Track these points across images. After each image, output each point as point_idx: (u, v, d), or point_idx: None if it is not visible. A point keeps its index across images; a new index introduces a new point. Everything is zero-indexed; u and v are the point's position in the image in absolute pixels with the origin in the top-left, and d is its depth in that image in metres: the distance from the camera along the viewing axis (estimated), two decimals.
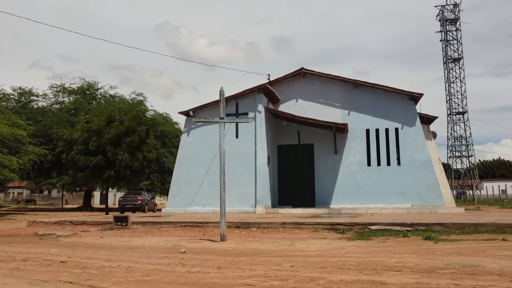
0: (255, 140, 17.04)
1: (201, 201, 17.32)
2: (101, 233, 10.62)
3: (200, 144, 17.68)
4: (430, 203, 16.97)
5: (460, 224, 9.60)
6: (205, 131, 17.71)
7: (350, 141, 18.36)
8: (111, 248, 7.93)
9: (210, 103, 17.62)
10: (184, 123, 18.23)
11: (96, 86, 38.02)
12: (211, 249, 7.44)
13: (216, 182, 17.19)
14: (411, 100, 18.05)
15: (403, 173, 17.61)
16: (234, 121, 8.49)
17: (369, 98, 18.36)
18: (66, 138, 19.16)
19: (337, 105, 18.69)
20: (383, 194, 17.62)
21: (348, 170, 18.24)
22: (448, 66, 41.73)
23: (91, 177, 18.68)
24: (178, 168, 17.98)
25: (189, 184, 17.58)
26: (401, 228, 9.71)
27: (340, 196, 18.13)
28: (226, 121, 8.50)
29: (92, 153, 18.16)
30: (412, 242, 7.77)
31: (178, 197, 17.64)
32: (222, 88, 8.43)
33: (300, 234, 9.57)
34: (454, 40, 41.74)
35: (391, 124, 18.03)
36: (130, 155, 18.52)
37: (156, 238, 9.31)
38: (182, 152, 18.04)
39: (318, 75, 18.89)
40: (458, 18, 41.66)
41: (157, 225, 11.48)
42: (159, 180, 38.69)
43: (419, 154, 17.53)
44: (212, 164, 17.37)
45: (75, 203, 54.00)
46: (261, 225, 10.73)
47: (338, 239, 8.49)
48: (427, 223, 9.79)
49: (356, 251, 6.75)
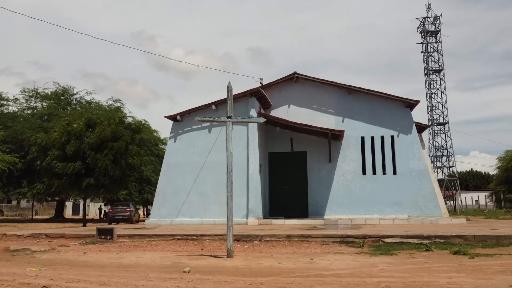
0: (247, 146, 16.10)
1: (189, 212, 16.18)
2: (83, 248, 9.38)
3: (188, 151, 16.59)
4: (427, 214, 16.39)
5: (481, 237, 8.91)
6: (193, 137, 16.64)
7: (345, 149, 17.66)
8: (100, 266, 6.79)
9: (200, 107, 16.62)
10: (170, 128, 17.07)
11: (71, 91, 36.29)
12: (220, 267, 6.41)
13: (205, 192, 16.23)
14: (407, 107, 17.57)
15: (399, 182, 17.01)
16: (244, 120, 7.56)
17: (364, 104, 17.76)
18: (41, 143, 17.63)
19: (330, 111, 18.00)
20: (378, 204, 16.95)
21: (342, 179, 17.50)
22: (429, 77, 42.12)
23: (68, 185, 17.20)
24: (163, 177, 16.80)
25: (176, 194, 16.42)
26: (418, 241, 8.94)
27: (334, 206, 17.35)
28: (234, 120, 7.55)
29: (70, 159, 16.71)
30: (445, 257, 6.96)
31: (164, 208, 16.42)
32: (230, 83, 7.50)
33: (310, 248, 8.64)
34: (435, 51, 42.24)
35: (386, 131, 17.45)
36: (112, 162, 17.17)
37: (149, 254, 8.18)
38: (168, 160, 16.88)
39: (311, 80, 18.19)
40: (438, 31, 42.23)
41: (146, 238, 10.31)
42: (137, 189, 37.06)
43: (416, 163, 16.99)
44: (200, 172, 16.31)
45: (46, 214, 51.36)
46: (264, 238, 9.75)
47: (358, 254, 7.61)
48: (445, 235, 9.06)
49: (391, 269, 5.88)
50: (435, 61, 42.00)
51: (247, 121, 7.80)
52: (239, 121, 7.71)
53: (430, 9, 42.94)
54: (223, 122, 7.54)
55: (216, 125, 16.51)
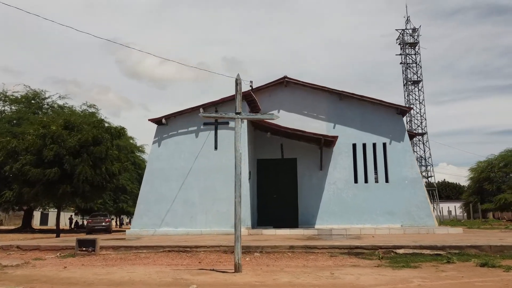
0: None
1: (173, 222, 15.14)
2: (62, 262, 8.30)
3: (173, 156, 15.59)
4: (420, 223, 15.97)
5: (497, 247, 8.40)
6: (180, 141, 15.68)
7: (336, 156, 17.09)
8: (87, 284, 5.80)
9: (187, 110, 15.71)
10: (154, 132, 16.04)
11: (43, 95, 34.51)
12: (230, 284, 5.55)
13: (191, 200, 15.25)
14: (399, 114, 17.22)
15: (392, 191, 16.54)
16: (255, 117, 6.75)
17: (356, 111, 17.29)
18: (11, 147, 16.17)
19: (322, 117, 17.43)
20: (371, 213, 16.41)
21: (334, 188, 16.89)
22: (408, 88, 42.60)
23: (42, 193, 15.76)
24: (146, 184, 15.71)
25: (159, 202, 15.36)
26: (432, 252, 8.37)
27: (325, 215, 16.69)
28: (244, 116, 6.75)
29: (45, 165, 15.33)
30: (476, 270, 6.34)
31: (146, 217, 15.31)
32: (239, 75, 6.72)
33: (319, 260, 7.89)
34: (413, 63, 42.82)
35: (378, 138, 17.00)
36: (91, 168, 15.90)
37: (141, 269, 7.21)
38: (151, 165, 15.82)
39: (302, 84, 17.61)
40: (417, 42, 42.87)
41: (133, 250, 9.30)
42: (112, 198, 35.43)
43: (408, 171, 16.59)
44: (186, 178, 15.35)
45: (12, 224, 48.53)
46: (265, 249, 8.93)
47: (377, 267, 6.90)
48: (459, 246, 8.51)
49: (429, 285, 5.18)
50: (414, 72, 42.57)
51: (259, 118, 7.04)
52: (250, 117, 6.93)
53: (409, 21, 43.64)
54: (231, 119, 6.71)
55: (203, 129, 15.64)
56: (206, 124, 15.61)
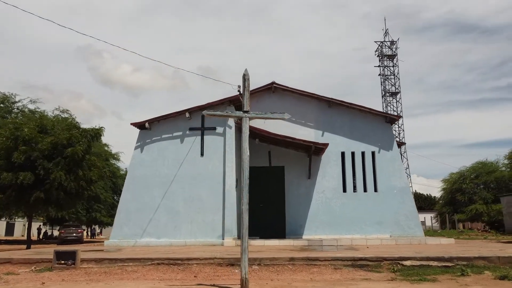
0: (224, 159, 14.62)
1: (156, 231, 14.28)
2: (39, 277, 7.42)
3: (156, 163, 14.78)
4: (409, 233, 15.71)
5: (506, 258, 8.07)
6: (164, 147, 14.90)
7: (325, 165, 16.69)
8: None
9: (172, 114, 14.97)
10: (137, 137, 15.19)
11: (12, 99, 32.81)
12: None
13: (175, 208, 14.46)
14: (388, 122, 17.04)
15: (381, 200, 16.25)
16: (263, 116, 6.20)
17: (344, 118, 16.99)
18: None
19: (310, 124, 17.05)
20: (360, 223, 16.04)
21: (322, 197, 16.45)
22: (386, 99, 43.12)
23: (14, 199, 14.52)
24: (127, 192, 14.80)
25: (141, 211, 14.48)
26: (439, 263, 7.98)
27: (314, 225, 16.21)
28: (253, 115, 6.19)
29: (16, 169, 14.15)
30: (500, 284, 5.95)
31: (127, 227, 14.39)
32: (247, 71, 6.17)
33: (324, 273, 7.34)
34: (391, 75, 43.45)
35: (367, 147, 16.74)
36: (66, 172, 14.84)
37: (132, 285, 6.47)
38: (133, 172, 14.93)
39: (290, 91, 17.21)
40: (395, 55, 43.58)
41: (118, 263, 8.49)
42: (84, 208, 33.88)
43: (397, 180, 16.36)
44: (170, 186, 14.56)
45: None
46: (263, 262, 8.32)
47: (391, 280, 6.42)
48: (466, 257, 8.14)
49: None
50: (392, 84, 43.18)
51: (268, 117, 6.44)
52: (259, 116, 6.35)
53: (387, 34, 44.39)
54: (236, 117, 6.13)
55: (189, 134, 14.93)
56: (192, 129, 14.92)
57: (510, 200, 36.82)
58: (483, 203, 43.18)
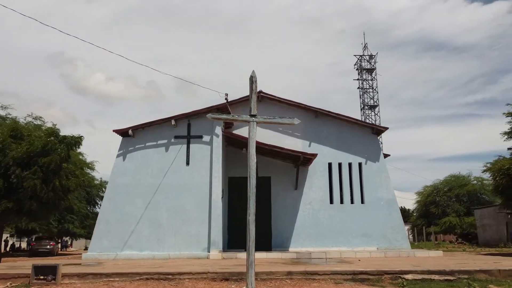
0: (211, 168, 14.17)
1: (138, 244, 13.62)
2: None
3: (140, 171, 14.17)
4: (396, 246, 15.59)
5: (506, 271, 7.96)
6: (147, 156, 14.31)
7: (312, 176, 16.45)
8: None
9: (157, 121, 14.45)
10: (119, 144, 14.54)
11: None
12: None
13: (158, 220, 13.86)
14: (374, 134, 17.01)
15: (367, 212, 16.10)
16: (273, 121, 5.80)
17: (331, 129, 16.85)
18: None
19: (297, 134, 16.82)
20: (347, 235, 15.82)
21: (309, 208, 16.17)
22: (365, 112, 43.60)
23: None
24: (108, 201, 14.09)
25: (122, 222, 13.80)
26: (441, 277, 7.79)
27: (301, 237, 15.88)
28: (261, 120, 5.81)
29: None
30: None
31: (106, 239, 13.65)
32: (254, 72, 5.83)
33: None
34: (370, 88, 44.06)
35: (354, 158, 16.62)
36: (42, 182, 13.97)
37: None
38: (114, 181, 14.24)
39: (278, 100, 16.97)
40: (374, 68, 44.28)
41: (103, 277, 7.88)
42: (56, 219, 32.37)
43: (384, 191, 16.27)
44: (154, 196, 13.97)
45: None
46: (259, 276, 7.91)
47: None
48: (467, 270, 7.98)
49: None
50: (371, 97, 43.78)
51: (277, 122, 6.08)
52: (267, 121, 5.98)
53: (366, 48, 45.13)
54: (245, 122, 5.76)
55: (174, 143, 14.42)
56: (178, 138, 14.43)
57: (483, 213, 37.69)
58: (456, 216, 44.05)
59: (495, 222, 35.09)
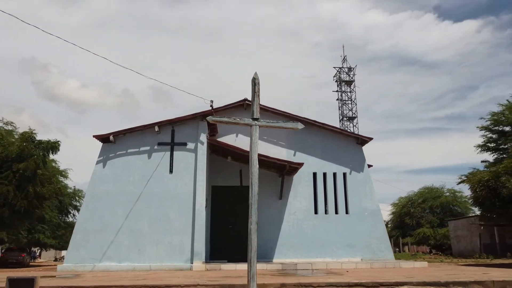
0: (195, 176, 13.76)
1: (117, 255, 13.02)
2: None
3: (121, 179, 13.62)
4: (380, 256, 15.52)
5: (500, 282, 7.91)
6: (129, 162, 13.79)
7: (296, 185, 16.26)
8: None
9: (139, 127, 13.98)
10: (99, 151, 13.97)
11: None
12: None
13: (139, 230, 13.32)
14: (359, 144, 17.00)
15: (352, 222, 16.00)
16: (276, 125, 5.55)
17: (316, 139, 16.75)
18: None
19: (282, 143, 16.65)
20: (331, 246, 15.64)
21: (293, 218, 15.94)
22: (344, 124, 44.03)
23: None
24: (86, 210, 13.46)
25: (101, 232, 13.17)
26: None
27: (285, 248, 15.60)
28: (263, 123, 5.54)
29: None
30: None
31: (84, 249, 12.99)
32: (256, 74, 5.58)
33: None
34: (349, 100, 44.62)
35: (339, 168, 16.55)
36: (16, 188, 13.22)
37: None
38: (93, 188, 13.63)
39: (263, 109, 16.63)
40: (353, 81, 44.93)
41: None
42: (26, 228, 30.99)
43: (368, 202, 16.23)
44: (135, 205, 13.44)
45: None
46: None
47: None
48: (462, 282, 7.88)
49: None
50: (349, 109, 44.31)
51: (281, 126, 5.83)
52: (269, 125, 5.72)
53: (345, 60, 45.77)
54: (247, 125, 5.49)
55: (158, 149, 13.96)
56: (161, 144, 13.99)
57: (457, 224, 38.49)
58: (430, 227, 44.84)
59: (468, 234, 35.86)
